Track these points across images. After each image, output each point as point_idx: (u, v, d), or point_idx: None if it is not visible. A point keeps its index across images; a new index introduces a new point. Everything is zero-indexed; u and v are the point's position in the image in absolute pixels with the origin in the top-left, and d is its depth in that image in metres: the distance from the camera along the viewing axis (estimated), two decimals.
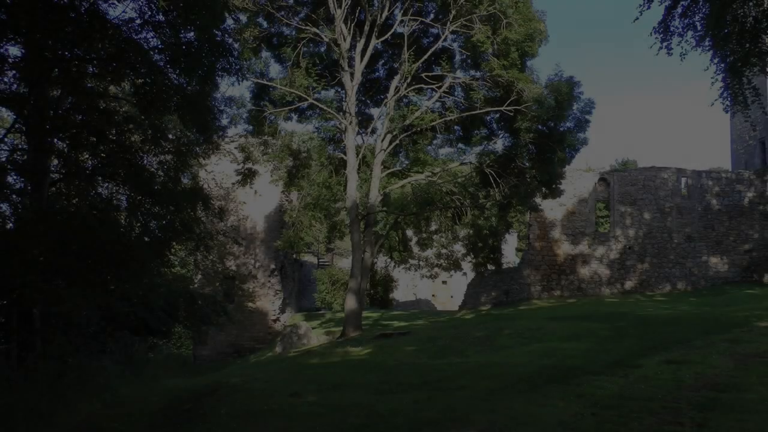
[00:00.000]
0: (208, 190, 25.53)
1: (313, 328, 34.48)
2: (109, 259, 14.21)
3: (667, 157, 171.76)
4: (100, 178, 17.58)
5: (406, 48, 31.36)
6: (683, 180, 44.91)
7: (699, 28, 16.83)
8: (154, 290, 18.75)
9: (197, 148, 21.93)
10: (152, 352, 28.58)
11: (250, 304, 44.61)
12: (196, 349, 43.77)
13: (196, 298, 28.18)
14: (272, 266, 45.59)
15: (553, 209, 43.50)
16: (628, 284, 43.53)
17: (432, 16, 33.47)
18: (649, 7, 16.68)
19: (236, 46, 23.06)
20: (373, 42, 31.66)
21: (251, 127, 32.71)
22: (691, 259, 43.97)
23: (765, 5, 16.10)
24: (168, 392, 17.15)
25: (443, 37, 31.97)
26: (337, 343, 27.78)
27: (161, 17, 14.04)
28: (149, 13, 13.94)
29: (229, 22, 21.76)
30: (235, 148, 32.94)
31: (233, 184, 33.94)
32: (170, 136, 19.80)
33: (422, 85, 32.78)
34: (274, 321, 44.88)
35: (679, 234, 44.11)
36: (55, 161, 18.87)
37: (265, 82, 31.64)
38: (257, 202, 44.04)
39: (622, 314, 27.30)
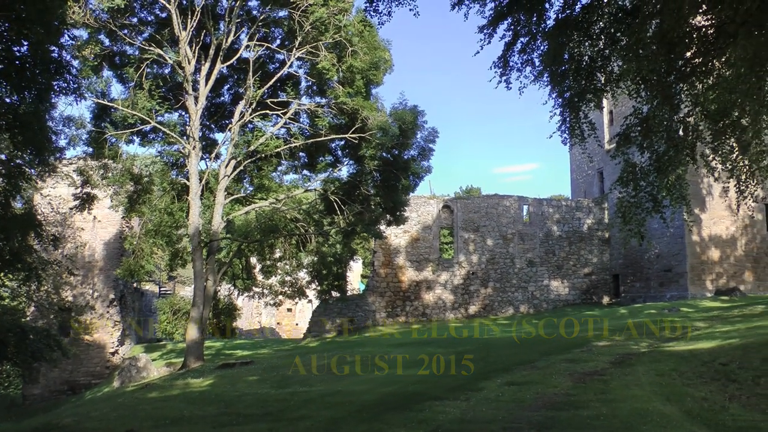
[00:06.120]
0: (42, 215, 24.33)
1: (153, 360, 33.31)
2: None
3: (512, 186, 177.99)
4: None
5: (251, 73, 31.06)
6: (525, 207, 46.66)
7: (537, 64, 17.35)
8: None
9: (32, 170, 20.83)
10: None
11: (87, 337, 42.64)
12: (26, 388, 41.26)
13: (28, 333, 26.80)
14: (111, 296, 43.84)
15: (397, 236, 44.13)
16: (472, 309, 44.59)
17: (278, 42, 33.41)
18: (489, 42, 17.09)
19: (75, 63, 22.13)
20: (219, 66, 31.21)
21: (91, 150, 31.35)
22: (533, 283, 45.63)
23: (600, 45, 16.82)
24: None
25: (289, 63, 31.89)
26: (178, 374, 26.92)
27: None
28: None
29: (68, 38, 20.84)
30: (74, 171, 31.58)
31: (71, 209, 32.37)
32: (1, 157, 18.74)
33: (267, 111, 32.51)
34: (113, 354, 43.10)
35: (521, 259, 45.71)
36: None
37: (106, 103, 30.47)
38: (96, 229, 42.41)
39: (466, 338, 27.80)
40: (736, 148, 19.73)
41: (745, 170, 20.71)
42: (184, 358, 30.29)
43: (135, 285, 47.91)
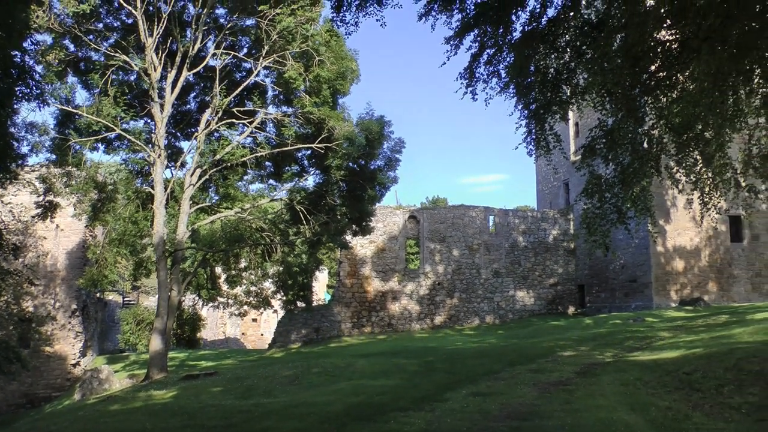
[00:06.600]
0: (3, 224, 23.92)
1: (116, 372, 32.87)
2: None
3: (479, 197, 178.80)
4: None
5: (217, 81, 30.88)
6: (491, 218, 46.89)
7: (503, 75, 17.34)
8: None
9: None
10: None
11: (47, 349, 41.95)
12: None
13: None
14: (74, 306, 43.23)
15: (363, 246, 44.12)
16: (438, 319, 44.66)
17: (245, 50, 33.20)
18: (455, 53, 17.04)
19: (38, 68, 21.79)
20: (185, 74, 30.93)
21: (54, 157, 30.79)
22: (498, 293, 45.85)
23: (566, 58, 16.92)
24: None
25: (256, 72, 31.75)
26: (141, 386, 26.56)
27: None
28: None
29: (31, 42, 20.55)
30: (36, 178, 31.07)
31: (33, 217, 31.85)
32: None
33: (234, 120, 32.27)
34: (74, 366, 42.46)
35: (487, 270, 45.91)
36: None
37: (71, 109, 30.01)
38: (59, 238, 41.88)
39: (432, 349, 27.82)
40: (700, 161, 19.95)
41: (708, 182, 20.94)
42: (147, 369, 29.92)
43: (98, 295, 47.34)
